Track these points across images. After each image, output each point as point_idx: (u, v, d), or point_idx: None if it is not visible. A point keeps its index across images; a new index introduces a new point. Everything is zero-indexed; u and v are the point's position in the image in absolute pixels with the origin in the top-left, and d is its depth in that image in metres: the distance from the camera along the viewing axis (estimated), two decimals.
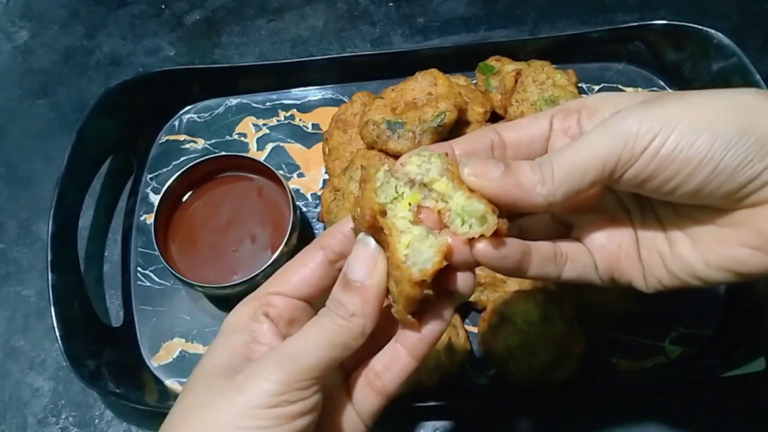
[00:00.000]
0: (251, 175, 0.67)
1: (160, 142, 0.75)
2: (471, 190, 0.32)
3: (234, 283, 0.59)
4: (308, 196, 0.71)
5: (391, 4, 0.83)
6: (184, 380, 0.63)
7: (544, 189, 0.33)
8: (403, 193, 0.33)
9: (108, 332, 0.64)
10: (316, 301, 0.39)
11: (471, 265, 0.33)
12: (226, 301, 0.66)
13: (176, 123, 0.76)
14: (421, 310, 0.34)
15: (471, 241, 0.32)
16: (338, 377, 0.38)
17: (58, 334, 0.58)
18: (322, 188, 0.71)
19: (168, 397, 0.62)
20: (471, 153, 0.36)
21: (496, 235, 0.32)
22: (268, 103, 0.76)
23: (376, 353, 0.37)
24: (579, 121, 0.37)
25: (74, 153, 0.66)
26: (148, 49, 0.83)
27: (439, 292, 0.34)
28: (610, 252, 0.37)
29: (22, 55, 0.83)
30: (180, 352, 0.64)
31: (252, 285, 0.60)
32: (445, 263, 0.31)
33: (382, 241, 0.33)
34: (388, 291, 0.33)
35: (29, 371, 0.65)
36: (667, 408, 0.59)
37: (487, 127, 0.38)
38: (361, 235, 0.34)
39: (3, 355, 0.66)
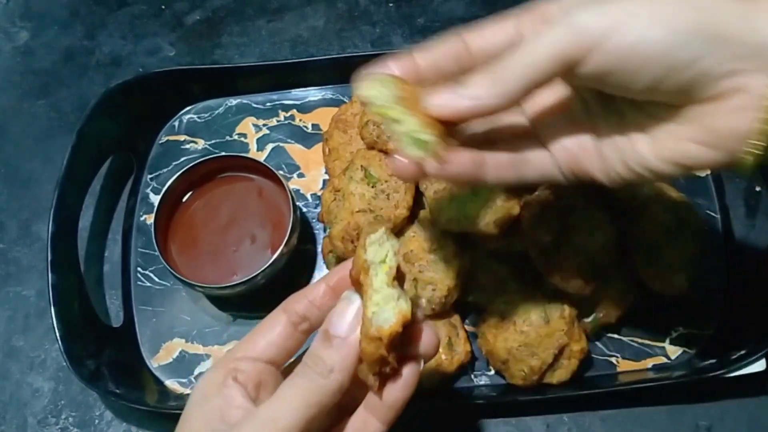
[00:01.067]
0: (251, 176, 0.66)
1: (160, 142, 0.75)
2: (426, 116, 0.34)
3: (234, 283, 0.59)
4: (308, 196, 0.71)
5: (391, 4, 0.83)
6: (183, 381, 0.63)
7: (494, 90, 0.33)
8: (386, 256, 0.34)
9: (108, 332, 0.64)
10: (282, 365, 0.39)
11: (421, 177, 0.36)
12: (226, 301, 0.66)
13: (176, 123, 0.76)
14: (387, 374, 0.34)
15: (420, 162, 0.35)
16: None
17: (58, 334, 0.58)
18: (322, 188, 0.71)
19: (168, 397, 0.62)
20: (434, 66, 0.37)
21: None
22: (268, 104, 0.76)
23: (346, 417, 0.37)
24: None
25: (74, 153, 0.66)
26: (148, 49, 0.82)
27: (403, 357, 0.35)
28: (571, 152, 0.38)
29: (22, 55, 0.83)
30: (180, 353, 0.64)
31: (252, 285, 0.59)
32: (400, 329, 0.32)
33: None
34: None
35: (29, 371, 0.65)
36: (667, 408, 0.59)
37: (452, 37, 0.38)
38: (347, 292, 0.35)
39: (3, 355, 0.66)
